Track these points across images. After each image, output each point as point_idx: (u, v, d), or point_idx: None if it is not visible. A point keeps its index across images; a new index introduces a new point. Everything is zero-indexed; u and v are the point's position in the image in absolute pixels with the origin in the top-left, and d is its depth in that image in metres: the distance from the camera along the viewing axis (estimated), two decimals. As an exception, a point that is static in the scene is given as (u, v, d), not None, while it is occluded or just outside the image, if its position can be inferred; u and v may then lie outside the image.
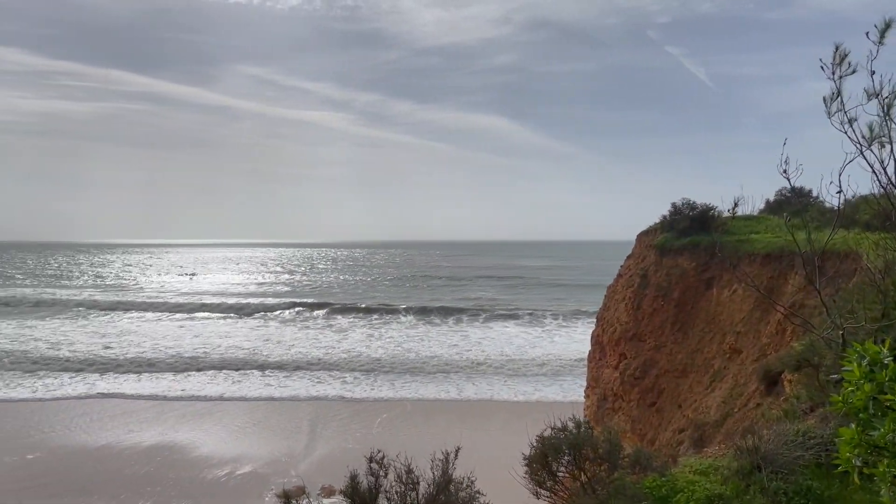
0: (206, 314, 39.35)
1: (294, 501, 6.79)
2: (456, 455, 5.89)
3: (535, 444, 6.65)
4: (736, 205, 4.42)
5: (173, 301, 46.65)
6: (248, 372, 23.35)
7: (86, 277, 78.26)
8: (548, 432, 6.64)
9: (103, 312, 41.08)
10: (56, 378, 22.51)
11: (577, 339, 30.37)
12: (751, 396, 8.14)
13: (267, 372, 23.36)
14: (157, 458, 14.52)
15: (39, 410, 18.52)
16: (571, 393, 20.33)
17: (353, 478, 6.03)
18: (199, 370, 23.69)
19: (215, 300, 46.95)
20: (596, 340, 12.13)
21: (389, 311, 38.92)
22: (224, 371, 23.49)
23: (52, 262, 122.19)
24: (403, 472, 5.76)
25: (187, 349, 28.15)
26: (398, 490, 5.75)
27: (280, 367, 24.25)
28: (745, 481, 5.07)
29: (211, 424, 17.12)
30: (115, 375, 22.86)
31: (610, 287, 12.07)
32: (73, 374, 23.04)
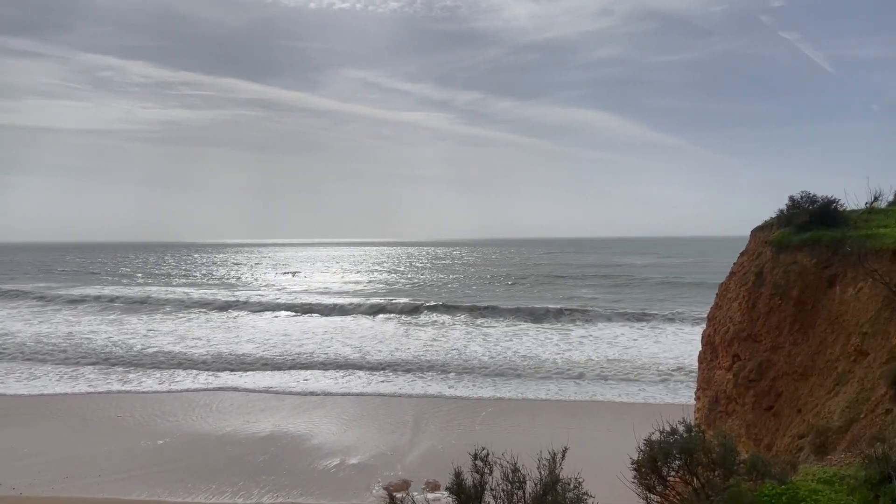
0: (309, 313, 40.70)
1: (400, 496, 6.91)
2: (563, 455, 5.84)
3: (643, 447, 6.50)
4: (876, 199, 4.17)
5: (279, 300, 48.64)
6: (352, 368, 24.05)
7: (198, 276, 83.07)
8: (656, 435, 6.47)
9: (215, 310, 43.37)
10: (176, 372, 24.01)
11: (683, 339, 29.35)
12: (879, 402, 7.59)
13: (370, 368, 23.96)
14: (272, 448, 15.24)
15: (166, 401, 19.85)
16: (679, 395, 19.68)
17: (458, 474, 6.10)
18: (305, 367, 24.61)
19: (318, 299, 48.59)
20: (707, 341, 11.66)
21: (489, 309, 38.93)
22: (330, 367, 24.29)
23: (171, 261, 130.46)
24: (510, 470, 5.77)
25: (294, 346, 29.32)
26: (504, 488, 5.76)
27: (383, 364, 24.81)
28: (873, 492, 4.77)
29: (320, 417, 17.77)
30: (231, 370, 24.07)
31: (721, 285, 11.56)
32: (192, 369, 24.50)
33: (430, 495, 12.44)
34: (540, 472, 5.72)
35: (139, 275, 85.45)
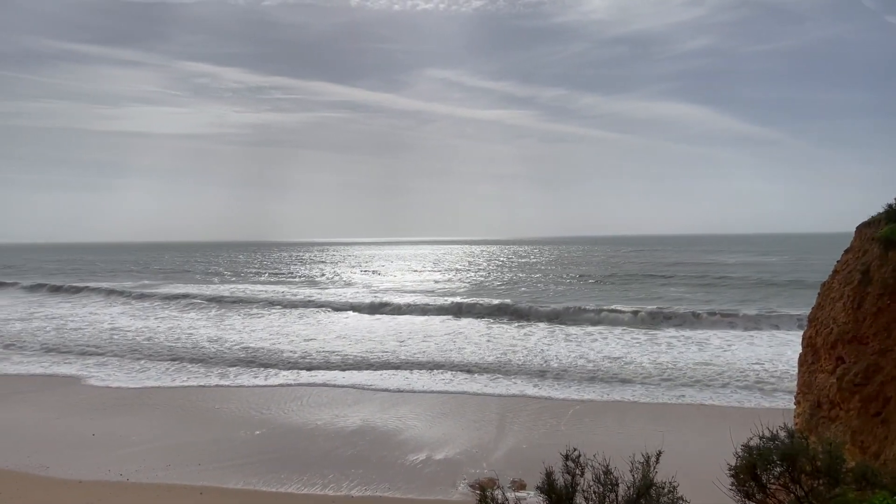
0: (391, 312, 41.27)
1: (489, 493, 6.95)
2: (657, 459, 5.73)
3: (740, 453, 6.30)
4: None
5: (363, 298, 49.61)
6: (435, 367, 24.27)
7: (286, 275, 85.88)
8: (755, 441, 6.26)
9: (301, 308, 44.68)
10: (268, 367, 24.92)
11: (780, 341, 28.07)
12: None
13: (453, 367, 24.11)
14: (360, 442, 15.60)
15: (260, 394, 20.68)
16: (776, 399, 18.84)
17: (549, 474, 6.07)
18: (389, 364, 24.99)
19: (401, 298, 49.26)
20: (808, 342, 11.10)
21: (572, 309, 38.41)
22: (413, 366, 24.59)
23: (260, 259, 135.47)
24: (601, 472, 5.70)
25: (378, 344, 29.88)
26: (596, 490, 5.69)
27: (466, 362, 24.92)
28: None
29: (406, 413, 18.03)
30: (319, 368, 24.77)
31: (824, 284, 10.97)
32: (283, 365, 25.37)
33: (516, 494, 12.38)
34: (633, 476, 5.63)
35: (227, 273, 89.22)
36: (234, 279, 77.29)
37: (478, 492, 12.79)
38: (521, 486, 12.77)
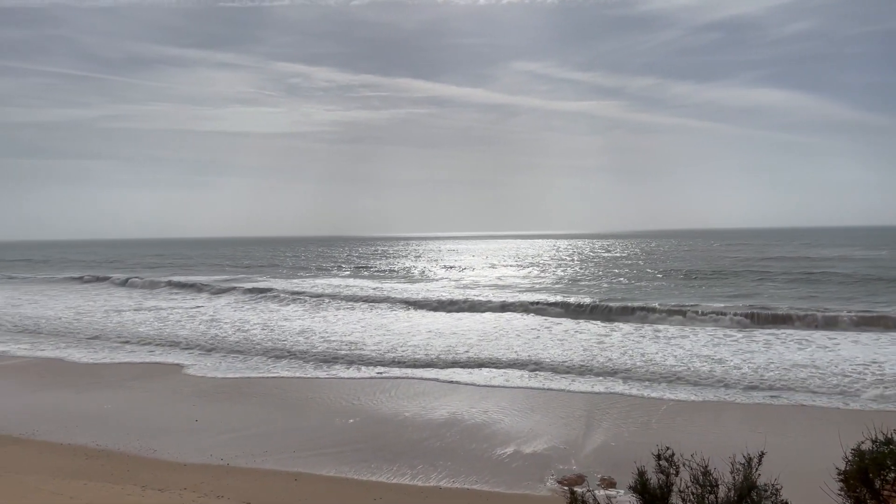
0: (474, 310, 41.31)
1: (580, 490, 6.91)
2: (759, 460, 5.54)
3: (850, 457, 6.01)
4: None
5: (447, 294, 49.92)
6: (523, 364, 24.20)
7: (373, 269, 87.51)
8: (867, 444, 5.96)
9: (385, 304, 45.41)
10: (358, 360, 25.53)
11: (890, 339, 26.43)
12: None
13: (541, 364, 23.96)
14: (448, 434, 15.78)
15: (351, 386, 21.23)
16: (888, 402, 17.75)
17: (642, 473, 5.98)
18: (476, 361, 25.07)
19: (486, 294, 49.30)
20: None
21: (662, 307, 37.38)
22: (501, 362, 24.59)
23: (346, 254, 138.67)
24: (699, 472, 5.57)
25: (462, 339, 30.04)
26: (694, 491, 5.56)
27: (553, 360, 24.71)
28: None
29: (493, 408, 18.08)
30: (407, 363, 25.14)
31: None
32: (372, 358, 25.93)
33: (605, 492, 12.22)
34: (733, 477, 5.46)
35: (315, 267, 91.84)
36: (321, 273, 79.54)
37: (565, 488, 12.73)
38: (610, 484, 12.58)
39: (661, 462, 5.69)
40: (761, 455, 5.56)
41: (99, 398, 19.85)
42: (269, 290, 54.21)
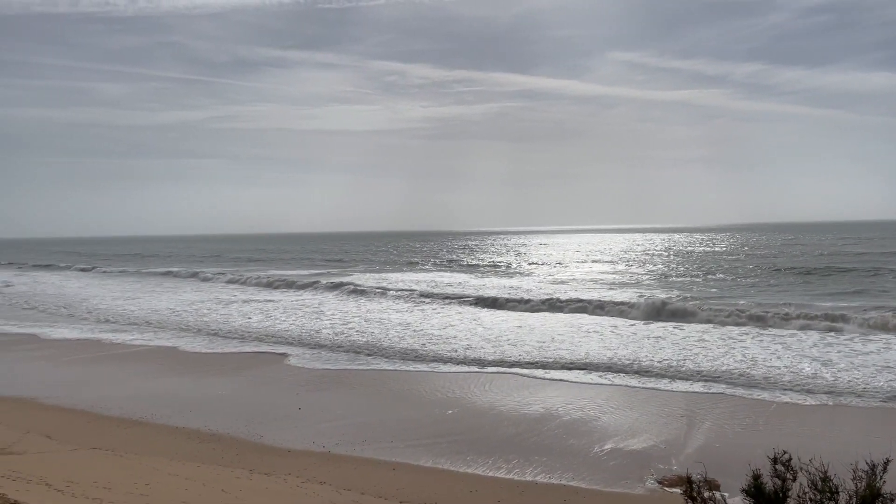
0: (562, 309, 40.64)
1: (708, 494, 6.73)
2: (884, 467, 5.22)
3: None
4: None
5: (537, 290, 49.50)
6: (619, 361, 23.74)
7: (465, 264, 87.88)
8: None
9: (471, 303, 45.47)
10: (452, 354, 25.74)
11: None
12: None
13: (639, 362, 23.41)
14: (543, 430, 15.68)
15: (445, 380, 21.47)
16: None
17: (757, 477, 5.77)
18: (569, 360, 24.79)
19: (579, 291, 48.53)
20: None
21: (770, 307, 35.60)
22: (596, 361, 24.20)
23: (436, 248, 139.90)
24: (818, 478, 5.31)
25: (555, 335, 29.74)
26: (812, 497, 5.31)
27: (652, 358, 24.09)
28: None
29: (590, 405, 17.81)
30: (498, 357, 25.16)
31: None
32: (463, 352, 26.10)
33: (708, 494, 11.78)
34: (855, 484, 5.17)
35: (408, 261, 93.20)
36: (416, 268, 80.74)
37: (665, 488, 12.39)
38: (714, 486, 12.11)
39: (777, 466, 5.45)
40: (886, 462, 5.23)
41: (209, 385, 20.98)
42: (365, 284, 55.53)
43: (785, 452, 5.53)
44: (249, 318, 36.43)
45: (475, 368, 22.67)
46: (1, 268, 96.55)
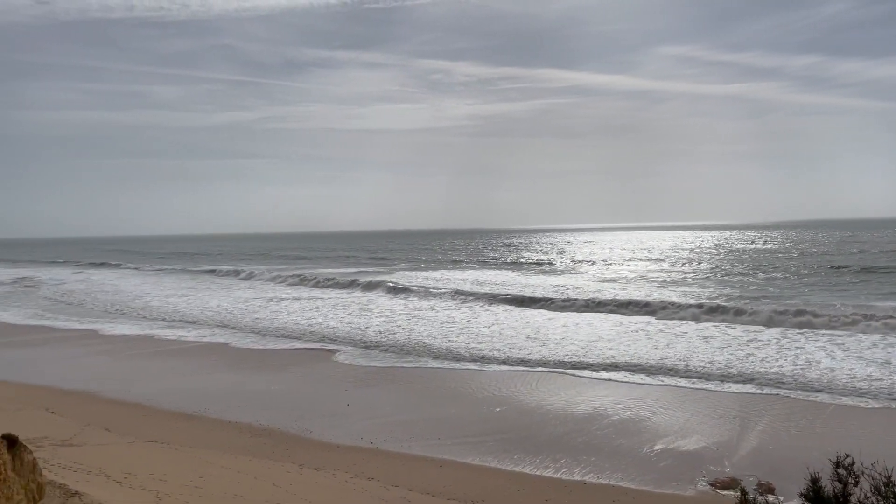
0: (611, 310, 40.07)
1: (760, 498, 6.58)
2: (955, 473, 5.02)
3: None
4: None
5: (584, 289, 48.95)
6: (670, 361, 23.35)
7: (511, 261, 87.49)
8: None
9: (516, 304, 45.23)
10: (499, 353, 25.69)
11: None
12: None
13: (690, 364, 22.98)
14: (592, 429, 15.52)
15: (492, 378, 21.45)
16: None
17: (815, 481, 5.61)
18: (619, 358, 24.49)
19: (626, 291, 47.82)
20: None
21: (829, 308, 34.40)
22: (647, 360, 23.84)
23: (487, 246, 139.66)
24: (881, 482, 5.13)
25: (602, 335, 29.39)
26: (874, 502, 5.13)
27: (703, 359, 23.62)
28: None
29: (639, 404, 17.56)
30: (545, 355, 24.99)
31: None
32: (509, 351, 26.00)
33: (763, 498, 11.50)
34: (923, 490, 4.98)
35: (453, 259, 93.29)
36: (463, 266, 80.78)
37: (717, 491, 12.13)
38: (768, 490, 11.85)
39: (839, 470, 5.28)
40: (957, 467, 5.02)
41: (260, 381, 21.39)
42: (411, 282, 55.83)
43: (847, 455, 5.36)
44: (297, 316, 37.00)
45: (522, 367, 22.56)
46: (59, 266, 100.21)
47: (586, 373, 21.50)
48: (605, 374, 21.15)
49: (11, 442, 9.73)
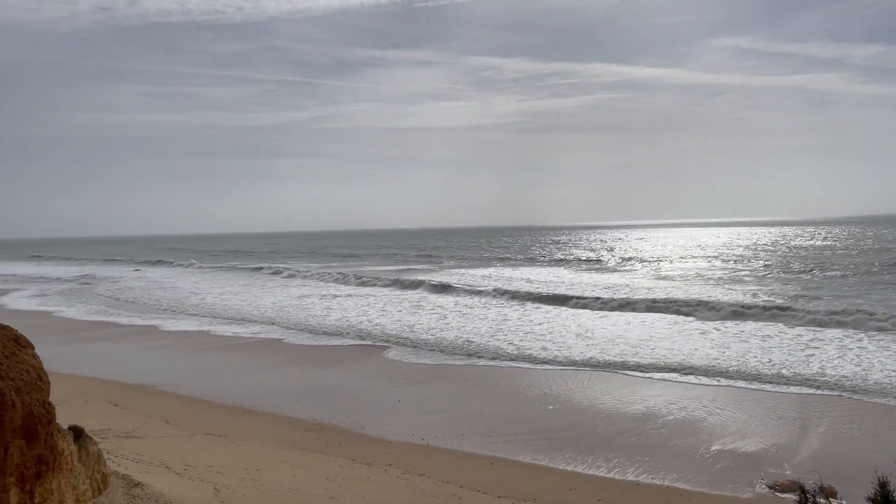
0: (666, 310, 39.32)
1: (795, 495, 6.41)
2: None
3: None
4: None
5: (637, 288, 48.15)
6: (726, 361, 22.84)
7: (563, 258, 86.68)
8: None
9: (570, 299, 44.79)
10: (550, 352, 25.53)
11: None
12: None
13: (745, 364, 22.42)
14: (645, 429, 15.28)
15: (545, 376, 21.34)
16: None
17: (883, 485, 5.43)
18: (672, 357, 24.08)
19: (679, 290, 46.86)
20: None
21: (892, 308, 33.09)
22: (702, 361, 23.38)
23: (536, 243, 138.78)
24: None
25: (654, 334, 28.88)
26: (949, 508, 4.93)
27: (760, 358, 23.03)
28: None
29: (694, 404, 17.21)
30: (597, 355, 24.73)
31: None
32: (559, 350, 25.81)
33: (824, 501, 11.18)
34: None
35: (501, 257, 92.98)
36: (511, 263, 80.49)
37: (777, 494, 11.82)
38: (830, 494, 11.48)
39: (906, 474, 5.09)
40: None
41: (313, 376, 21.75)
42: (461, 280, 55.90)
43: (917, 460, 5.16)
44: (348, 312, 37.47)
45: (572, 366, 22.36)
46: (118, 264, 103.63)
47: (639, 372, 21.18)
48: (658, 374, 20.81)
49: (77, 433, 10.16)
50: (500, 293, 45.35)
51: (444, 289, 49.83)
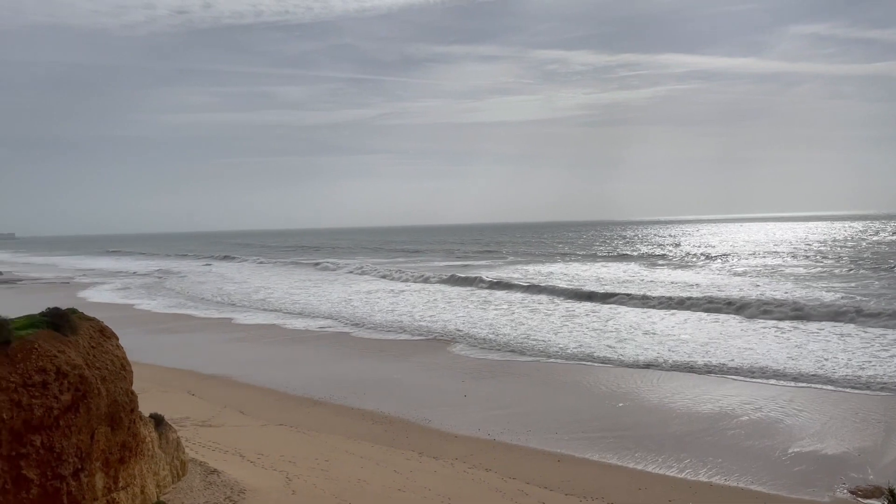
0: (730, 307, 37.97)
1: (881, 501, 6.13)
2: None
3: None
4: None
5: (704, 290, 46.84)
6: (805, 360, 22.02)
7: (633, 255, 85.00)
8: None
9: (648, 299, 43.86)
10: (622, 351, 25.17)
11: None
12: None
13: (822, 366, 21.50)
14: (719, 430, 14.86)
15: (613, 374, 21.06)
16: None
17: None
18: (746, 358, 23.34)
19: (753, 288, 45.21)
20: None
21: None
22: (778, 361, 22.59)
23: (604, 238, 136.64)
24: None
25: (725, 331, 28.06)
26: None
27: (837, 361, 22.06)
28: None
29: (770, 405, 16.62)
30: (664, 354, 24.19)
31: None
32: (632, 349, 25.37)
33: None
34: None
35: (566, 252, 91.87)
36: (581, 259, 79.53)
37: (859, 499, 11.31)
38: (919, 502, 10.90)
39: None
40: None
41: (380, 369, 22.06)
42: (525, 276, 55.61)
43: None
44: (413, 307, 37.81)
45: (641, 364, 21.94)
46: (189, 259, 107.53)
47: (710, 372, 20.60)
48: (731, 374, 20.19)
49: (158, 421, 10.63)
50: (564, 290, 44.87)
51: (506, 286, 49.64)
